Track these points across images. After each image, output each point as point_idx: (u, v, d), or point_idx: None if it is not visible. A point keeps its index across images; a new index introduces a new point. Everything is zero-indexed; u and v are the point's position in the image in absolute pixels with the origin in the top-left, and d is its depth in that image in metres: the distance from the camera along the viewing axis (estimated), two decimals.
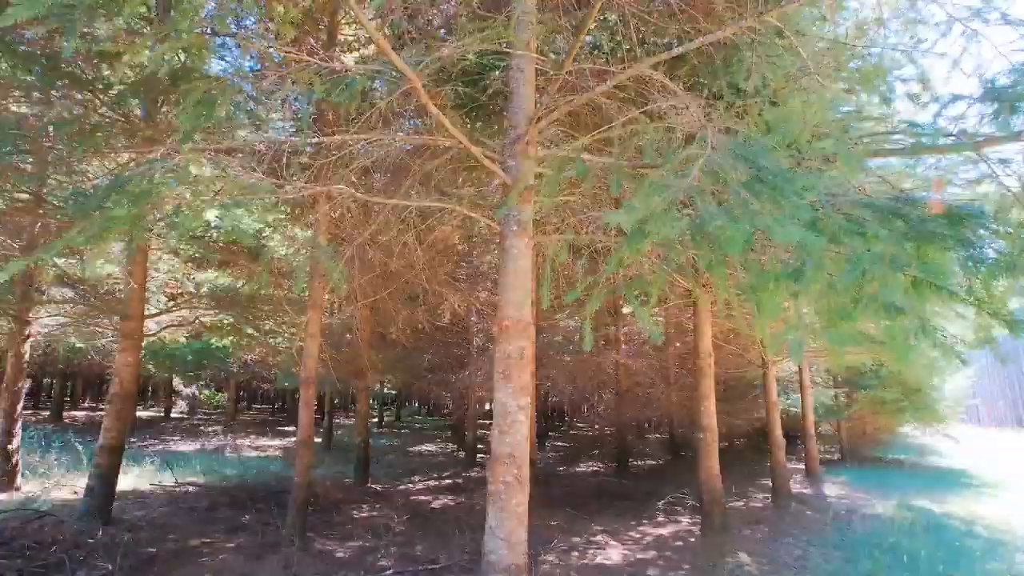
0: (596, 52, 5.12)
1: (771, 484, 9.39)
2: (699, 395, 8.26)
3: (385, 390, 25.98)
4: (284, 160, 3.91)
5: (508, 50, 4.33)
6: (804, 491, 10.36)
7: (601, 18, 4.84)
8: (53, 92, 5.49)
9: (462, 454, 15.72)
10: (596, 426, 24.37)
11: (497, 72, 5.48)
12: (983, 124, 2.30)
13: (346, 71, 3.06)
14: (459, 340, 13.69)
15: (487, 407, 22.20)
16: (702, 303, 8.33)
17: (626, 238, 1.99)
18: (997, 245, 1.79)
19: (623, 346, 14.86)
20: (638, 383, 15.63)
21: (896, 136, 2.39)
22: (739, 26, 3.33)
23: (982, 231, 1.72)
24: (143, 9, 5.18)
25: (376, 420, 27.26)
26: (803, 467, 12.08)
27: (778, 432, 9.60)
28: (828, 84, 3.66)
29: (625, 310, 16.30)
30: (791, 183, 1.75)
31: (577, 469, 14.26)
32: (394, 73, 3.17)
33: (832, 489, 10.69)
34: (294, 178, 4.30)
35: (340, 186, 3.64)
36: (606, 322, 15.23)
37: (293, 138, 4.09)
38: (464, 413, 16.50)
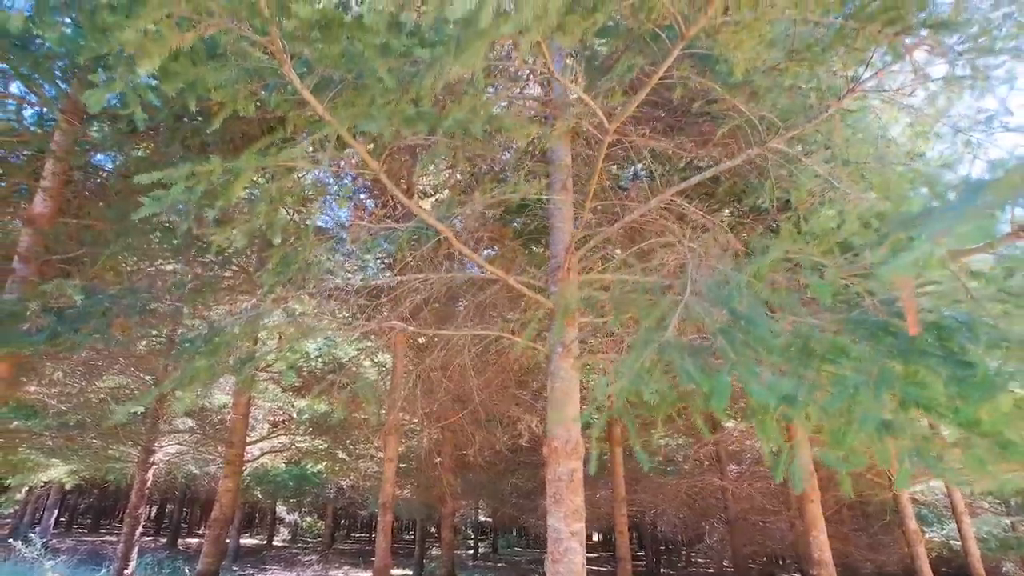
0: (624, 185, 5.51)
1: None
2: (806, 524, 7.24)
3: (481, 518, 24.94)
4: (351, 300, 4.50)
5: (547, 196, 4.83)
6: None
7: (627, 157, 5.28)
8: (193, 258, 6.87)
9: None
10: (715, 563, 21.30)
11: (541, 209, 6.03)
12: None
13: (391, 228, 3.64)
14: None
15: None
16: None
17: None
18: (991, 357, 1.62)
19: (729, 467, 13.47)
20: (751, 509, 13.82)
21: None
22: (748, 155, 3.53)
23: (968, 345, 1.59)
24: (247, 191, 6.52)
25: (471, 552, 25.98)
26: None
27: (925, 569, 7.96)
28: (860, 194, 3.66)
29: (729, 424, 14.81)
30: (762, 324, 1.78)
31: None
32: (426, 229, 3.68)
33: None
34: (360, 315, 4.88)
35: (394, 322, 4.09)
36: (705, 441, 13.91)
37: (359, 281, 4.72)
38: None
